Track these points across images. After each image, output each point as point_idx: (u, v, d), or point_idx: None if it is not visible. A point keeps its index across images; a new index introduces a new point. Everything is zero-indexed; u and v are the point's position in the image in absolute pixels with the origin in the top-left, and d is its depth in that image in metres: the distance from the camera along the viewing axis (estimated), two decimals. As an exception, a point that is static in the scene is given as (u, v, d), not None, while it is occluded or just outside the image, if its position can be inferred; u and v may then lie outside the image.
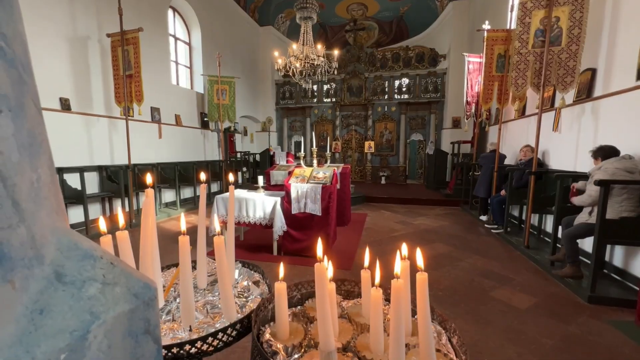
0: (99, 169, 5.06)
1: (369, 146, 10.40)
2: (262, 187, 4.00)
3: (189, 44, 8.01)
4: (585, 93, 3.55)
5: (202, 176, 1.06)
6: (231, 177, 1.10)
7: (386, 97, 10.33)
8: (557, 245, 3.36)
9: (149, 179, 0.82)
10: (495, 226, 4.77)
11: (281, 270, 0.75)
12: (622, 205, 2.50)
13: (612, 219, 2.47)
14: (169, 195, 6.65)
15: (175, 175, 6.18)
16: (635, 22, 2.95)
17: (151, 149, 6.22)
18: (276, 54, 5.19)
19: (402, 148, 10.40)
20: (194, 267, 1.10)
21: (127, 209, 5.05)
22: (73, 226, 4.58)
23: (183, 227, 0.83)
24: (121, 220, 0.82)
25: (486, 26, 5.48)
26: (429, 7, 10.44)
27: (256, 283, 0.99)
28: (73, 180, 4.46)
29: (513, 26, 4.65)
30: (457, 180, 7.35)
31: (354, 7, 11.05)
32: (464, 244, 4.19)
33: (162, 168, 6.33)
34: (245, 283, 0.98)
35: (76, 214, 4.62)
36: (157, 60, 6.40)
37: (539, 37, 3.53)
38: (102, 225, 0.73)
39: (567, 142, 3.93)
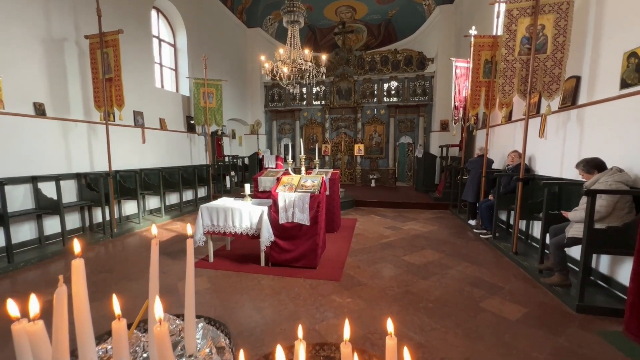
0: (78, 176, 4.83)
1: (359, 149, 10.39)
2: (249, 195, 3.89)
3: (174, 46, 7.80)
4: (570, 100, 3.59)
5: (154, 230, 0.85)
6: (189, 229, 0.89)
7: (375, 100, 10.34)
8: (546, 251, 3.38)
9: (76, 246, 0.66)
10: (484, 231, 4.79)
11: None
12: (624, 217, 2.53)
13: (600, 229, 2.48)
14: (153, 202, 6.44)
15: (159, 181, 5.99)
16: (618, 31, 2.98)
17: (134, 154, 6.00)
18: (263, 58, 5.08)
19: (392, 151, 10.42)
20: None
21: (107, 218, 4.83)
22: (48, 238, 4.35)
23: (117, 310, 0.66)
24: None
25: (473, 31, 5.52)
26: (417, 11, 10.51)
27: (221, 350, 0.80)
28: (49, 189, 4.24)
29: (499, 32, 4.69)
30: (446, 183, 7.39)
31: (342, 9, 11.03)
32: (454, 250, 4.18)
33: (146, 174, 6.12)
34: (207, 351, 0.78)
35: (52, 225, 4.39)
36: (140, 62, 6.19)
37: (525, 45, 3.54)
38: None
39: (553, 148, 3.97)
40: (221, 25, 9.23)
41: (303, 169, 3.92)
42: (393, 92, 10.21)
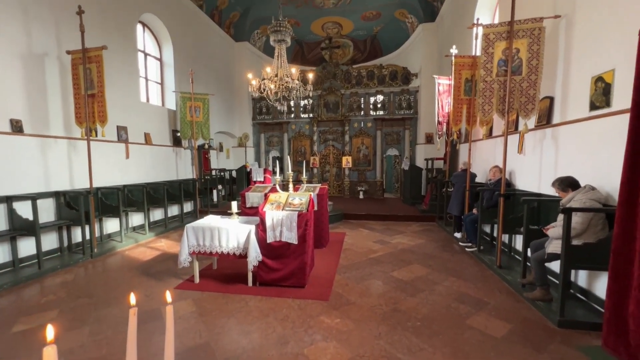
0: (56, 195, 4.66)
1: (347, 161, 10.49)
2: (237, 213, 3.85)
3: (160, 60, 7.76)
4: (546, 119, 3.77)
5: (132, 299, 0.77)
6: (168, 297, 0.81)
7: (362, 113, 10.53)
8: (528, 263, 3.47)
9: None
10: (469, 244, 4.88)
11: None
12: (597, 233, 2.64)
13: (576, 245, 2.58)
14: (137, 219, 6.26)
15: (144, 197, 5.84)
16: (586, 57, 3.18)
17: (117, 170, 5.85)
18: (250, 75, 5.11)
19: (379, 163, 10.58)
20: None
21: (88, 237, 4.66)
22: (23, 260, 4.15)
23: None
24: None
25: (454, 50, 5.76)
26: (401, 28, 10.89)
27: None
28: (24, 210, 4.06)
29: (478, 53, 4.91)
30: (432, 195, 7.53)
31: (329, 25, 11.30)
32: (440, 264, 4.23)
33: (130, 190, 5.97)
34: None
35: (27, 247, 4.19)
36: (124, 76, 6.12)
37: (502, 67, 3.73)
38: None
39: (531, 164, 4.13)
40: (208, 39, 9.27)
41: (291, 186, 3.92)
42: (379, 105, 10.44)
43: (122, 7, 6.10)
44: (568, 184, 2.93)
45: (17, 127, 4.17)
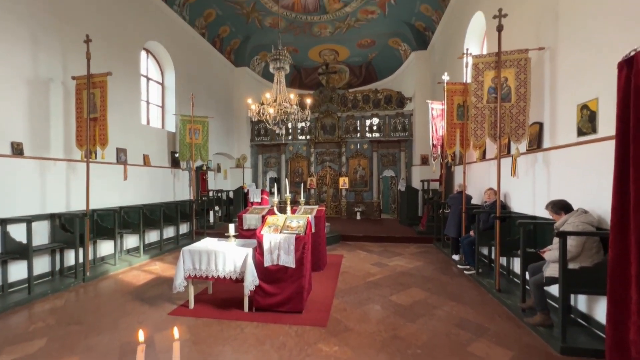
0: (52, 217, 4.62)
1: (344, 182, 10.57)
2: (234, 236, 3.83)
3: (162, 84, 7.98)
4: (536, 144, 3.89)
5: (141, 335, 0.68)
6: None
7: (358, 135, 10.76)
8: (527, 287, 3.44)
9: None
10: (468, 267, 4.86)
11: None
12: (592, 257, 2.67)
13: (573, 269, 2.59)
14: (132, 241, 6.17)
15: (140, 218, 5.79)
16: (570, 86, 3.35)
17: (115, 191, 5.84)
18: (249, 101, 5.28)
19: (376, 184, 10.66)
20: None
21: (81, 260, 4.56)
22: (12, 285, 4.04)
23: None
24: None
25: (445, 77, 6.02)
26: (394, 55, 11.38)
27: None
28: (18, 232, 4.00)
29: (469, 80, 5.13)
30: (429, 216, 7.55)
31: (325, 52, 11.78)
32: (439, 287, 4.19)
33: (126, 212, 5.92)
34: None
35: (18, 271, 4.09)
36: (126, 100, 6.26)
37: (492, 94, 3.90)
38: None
39: (524, 187, 4.22)
40: (209, 65, 9.59)
41: (288, 208, 3.94)
42: (375, 128, 10.68)
43: (128, 35, 6.36)
44: (561, 206, 2.98)
45: (17, 150, 4.21)
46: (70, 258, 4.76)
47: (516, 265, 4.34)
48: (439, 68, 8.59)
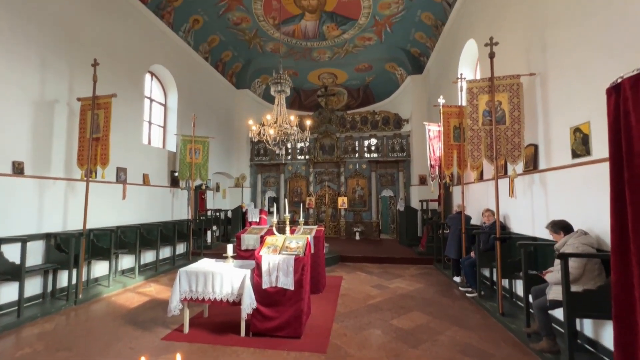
0: (47, 236, 4.55)
1: (342, 202, 10.56)
2: (232, 256, 3.77)
3: (165, 105, 8.15)
4: (532, 165, 3.95)
5: None
6: None
7: (357, 155, 10.88)
8: (531, 310, 3.37)
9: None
10: (470, 289, 4.76)
11: None
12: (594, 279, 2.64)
13: (577, 292, 2.56)
14: (127, 262, 6.05)
15: (137, 238, 5.71)
16: (562, 109, 3.46)
17: (113, 210, 5.80)
18: (250, 122, 5.40)
19: (374, 204, 10.65)
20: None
21: (74, 282, 4.45)
22: (2, 307, 3.91)
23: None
24: None
25: (441, 100, 6.19)
26: (391, 79, 11.75)
27: None
28: (12, 252, 3.93)
29: (464, 103, 5.28)
30: (429, 236, 7.49)
31: (325, 75, 12.17)
32: (441, 311, 4.08)
33: (123, 231, 5.85)
34: None
35: (9, 293, 3.98)
36: (129, 120, 6.36)
37: (487, 117, 4.01)
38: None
39: (523, 208, 4.23)
40: (211, 87, 9.85)
41: (287, 228, 3.91)
42: (373, 148, 10.84)
43: (134, 59, 6.58)
44: (561, 227, 2.99)
45: (18, 169, 4.23)
46: (63, 279, 4.64)
47: (519, 287, 4.27)
48: (434, 91, 8.86)
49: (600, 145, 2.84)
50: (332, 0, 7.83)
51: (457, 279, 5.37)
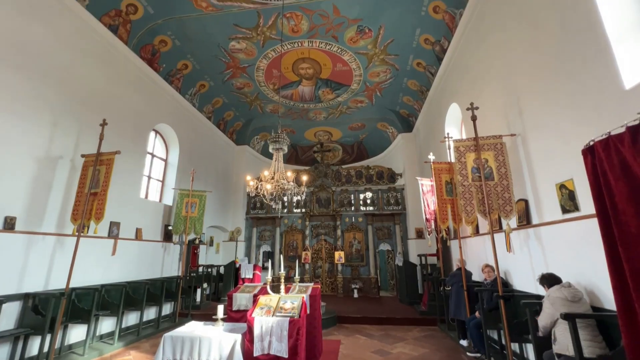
0: (26, 297, 4.27)
1: (339, 256, 10.25)
2: (222, 319, 3.53)
3: (165, 160, 8.40)
4: (525, 220, 4.02)
5: None
6: None
7: (353, 208, 10.94)
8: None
9: None
10: (478, 355, 4.41)
11: None
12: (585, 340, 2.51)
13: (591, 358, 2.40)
14: (107, 325, 5.57)
15: (121, 298, 5.35)
16: (546, 167, 3.65)
17: (99, 268, 5.55)
18: (248, 178, 5.56)
19: (372, 258, 10.37)
20: None
21: (46, 349, 4.04)
22: (-42, 383, 3.47)
23: None
24: None
25: (431, 157, 6.50)
26: (383, 136, 12.47)
27: None
28: (-16, 316, 3.64)
29: (453, 160, 5.55)
30: (430, 294, 7.14)
31: (320, 133, 12.90)
32: (450, 382, 3.71)
33: (107, 290, 5.51)
34: None
35: (-30, 364, 3.58)
36: (129, 175, 6.48)
37: (476, 174, 4.19)
38: None
39: (522, 263, 4.17)
40: (212, 143, 10.30)
41: (282, 287, 3.75)
42: (369, 201, 10.96)
43: (141, 118, 6.98)
44: (546, 280, 3.02)
45: (9, 225, 4.16)
46: (34, 347, 4.22)
47: (529, 351, 3.96)
48: (424, 147, 9.34)
49: (588, 201, 2.92)
50: (327, 69, 8.73)
51: (464, 342, 4.99)
